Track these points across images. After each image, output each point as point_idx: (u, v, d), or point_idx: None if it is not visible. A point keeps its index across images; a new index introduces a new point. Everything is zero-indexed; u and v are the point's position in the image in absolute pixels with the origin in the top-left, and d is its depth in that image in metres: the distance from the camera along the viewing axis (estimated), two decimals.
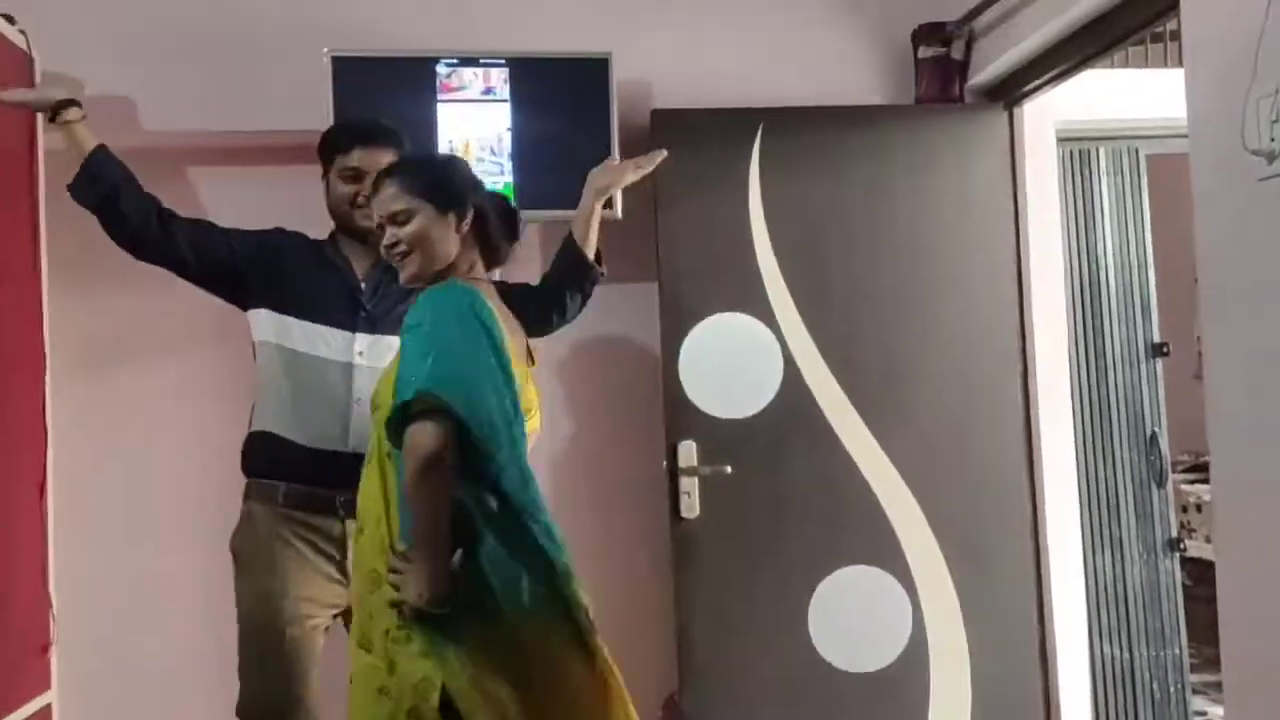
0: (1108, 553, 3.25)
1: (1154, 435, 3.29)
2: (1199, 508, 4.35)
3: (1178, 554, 3.28)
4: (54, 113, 2.42)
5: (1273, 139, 1.86)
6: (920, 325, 3.05)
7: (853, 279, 3.04)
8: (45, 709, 2.65)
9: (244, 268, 2.43)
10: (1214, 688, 3.55)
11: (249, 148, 2.99)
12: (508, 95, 2.93)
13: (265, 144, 2.97)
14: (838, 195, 3.05)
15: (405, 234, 2.00)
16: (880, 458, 3.01)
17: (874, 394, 3.02)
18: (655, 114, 3.00)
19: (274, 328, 2.40)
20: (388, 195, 2.01)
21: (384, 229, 2.02)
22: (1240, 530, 2.06)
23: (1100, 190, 3.34)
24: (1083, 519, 3.16)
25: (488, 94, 2.93)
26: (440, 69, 2.91)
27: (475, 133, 2.92)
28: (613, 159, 2.74)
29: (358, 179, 2.39)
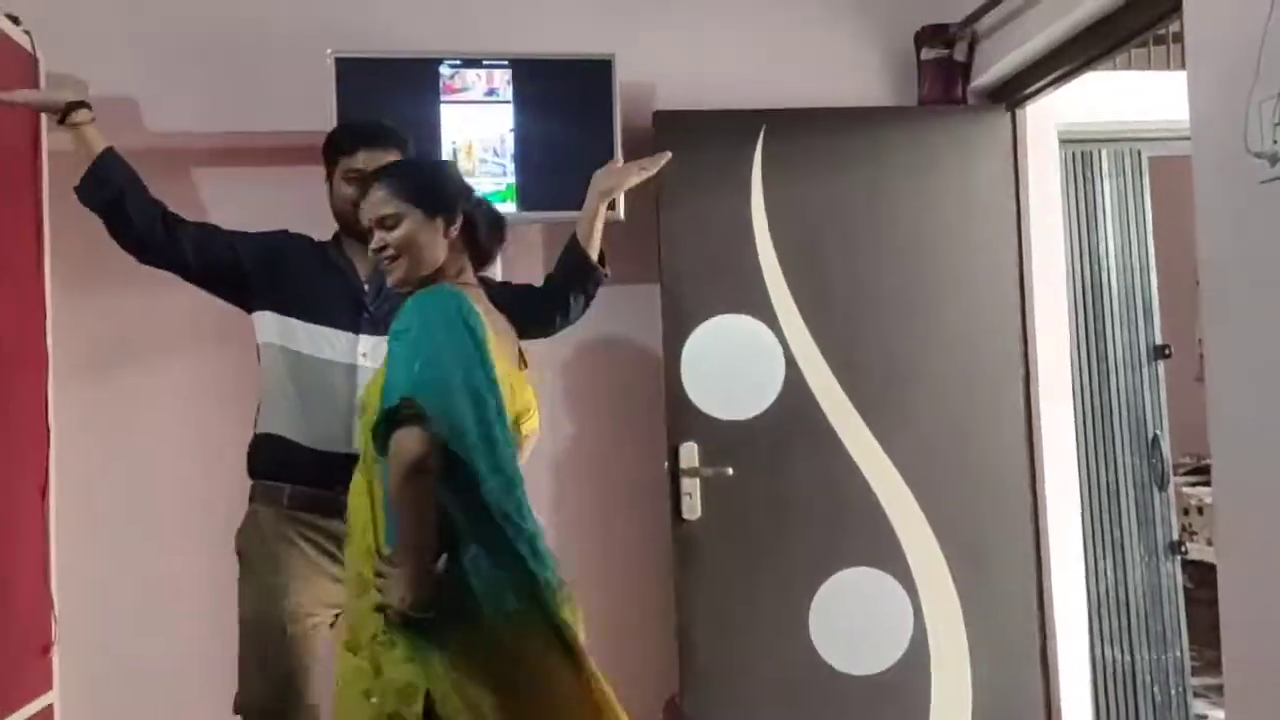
0: (1109, 555, 3.25)
1: (1155, 438, 3.29)
2: (1200, 510, 4.35)
3: (1179, 557, 3.28)
4: (64, 114, 2.41)
5: (1275, 141, 1.86)
6: (922, 327, 3.05)
7: (855, 280, 3.04)
8: (47, 709, 2.65)
9: (247, 270, 2.43)
10: (1215, 691, 3.54)
11: (252, 149, 2.99)
12: (511, 96, 2.93)
13: (268, 145, 2.97)
14: (840, 196, 3.06)
15: (393, 238, 1.99)
16: (882, 460, 3.01)
17: (876, 396, 3.02)
18: (658, 115, 3.01)
19: (278, 330, 2.40)
20: (376, 199, 2.01)
21: (373, 233, 2.02)
22: (1242, 533, 2.06)
23: (1102, 192, 3.34)
24: (1084, 522, 3.16)
25: (491, 95, 2.93)
26: (443, 70, 2.91)
27: (478, 134, 2.92)
28: (616, 161, 2.74)
29: (361, 180, 2.39)
